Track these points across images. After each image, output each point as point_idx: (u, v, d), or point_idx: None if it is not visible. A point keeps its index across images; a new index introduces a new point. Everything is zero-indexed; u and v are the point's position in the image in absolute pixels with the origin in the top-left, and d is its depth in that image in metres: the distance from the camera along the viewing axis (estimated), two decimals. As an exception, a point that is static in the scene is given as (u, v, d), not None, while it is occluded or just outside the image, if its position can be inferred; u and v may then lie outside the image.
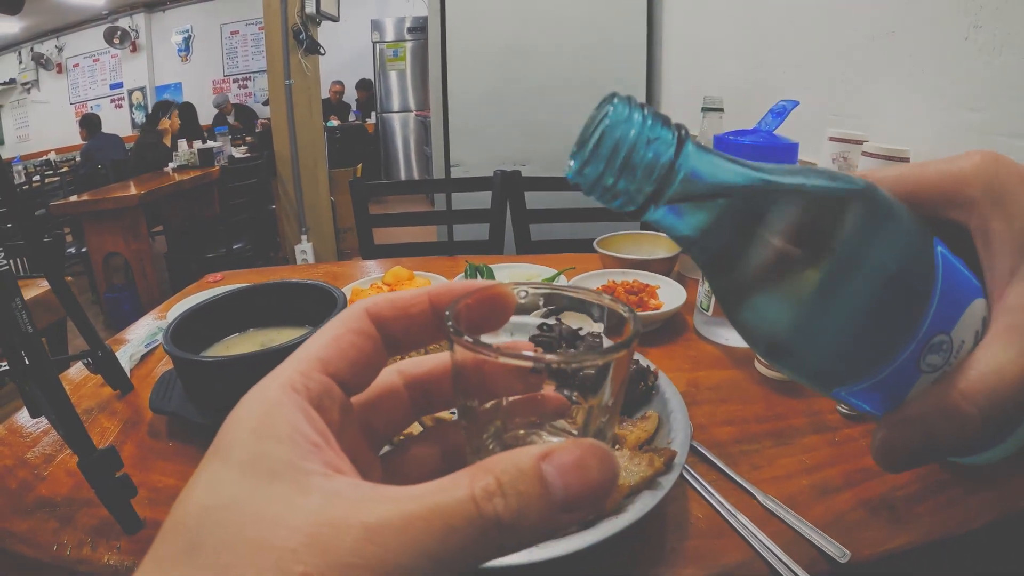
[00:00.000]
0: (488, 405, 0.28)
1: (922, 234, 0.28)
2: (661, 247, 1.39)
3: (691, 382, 0.93)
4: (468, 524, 0.21)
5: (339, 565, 0.20)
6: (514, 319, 0.32)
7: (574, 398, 0.28)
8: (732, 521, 0.65)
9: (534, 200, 1.97)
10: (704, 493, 0.69)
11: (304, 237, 4.52)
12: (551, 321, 0.33)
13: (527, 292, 0.32)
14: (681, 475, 0.71)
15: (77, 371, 1.05)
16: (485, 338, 0.30)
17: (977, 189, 0.30)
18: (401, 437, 0.43)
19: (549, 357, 0.26)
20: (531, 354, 0.25)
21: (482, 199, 1.98)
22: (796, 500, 0.68)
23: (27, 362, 0.67)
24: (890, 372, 0.28)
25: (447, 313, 0.28)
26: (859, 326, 0.27)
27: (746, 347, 1.00)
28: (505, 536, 0.22)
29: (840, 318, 0.27)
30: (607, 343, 0.31)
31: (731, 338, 1.04)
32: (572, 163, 0.27)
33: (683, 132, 0.27)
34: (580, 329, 0.33)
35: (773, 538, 0.62)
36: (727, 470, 0.73)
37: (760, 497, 0.68)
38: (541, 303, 0.33)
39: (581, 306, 0.32)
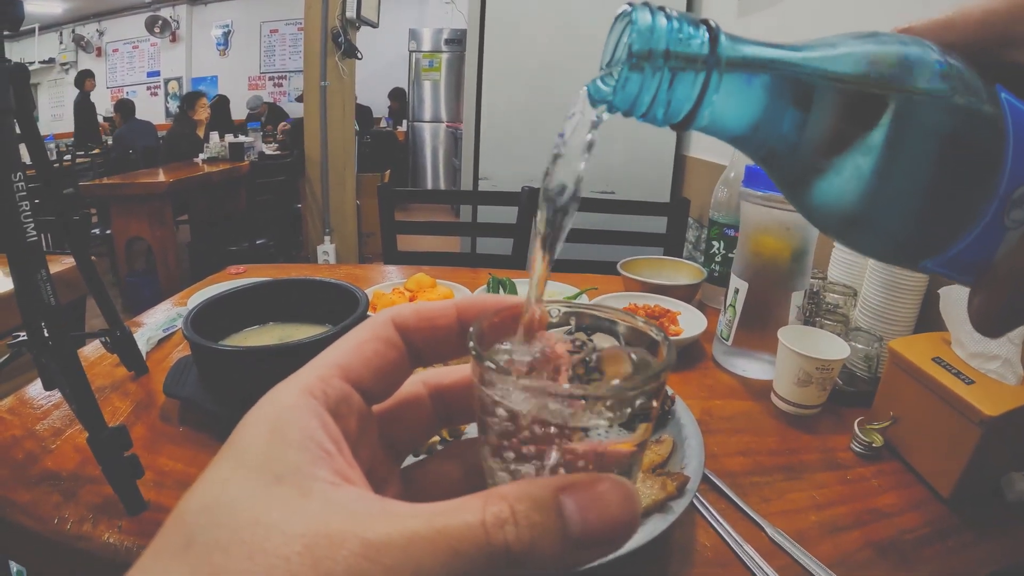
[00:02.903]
0: (508, 426, 0.26)
1: (983, 86, 0.27)
2: (683, 274, 1.38)
3: (706, 410, 0.92)
4: (475, 551, 0.20)
5: None
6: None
7: (601, 424, 0.26)
8: (739, 552, 0.64)
9: (559, 218, 1.96)
10: (712, 522, 0.68)
11: (327, 238, 4.53)
12: (584, 338, 0.31)
13: (559, 311, 0.31)
14: (691, 502, 0.70)
15: (93, 349, 1.06)
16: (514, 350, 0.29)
17: None
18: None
19: (570, 391, 0.24)
20: (553, 386, 0.24)
21: (508, 214, 1.99)
22: (804, 535, 0.67)
23: (47, 335, 0.68)
24: (975, 236, 0.27)
25: (471, 331, 0.27)
26: (936, 193, 0.26)
27: (763, 379, 1.00)
28: (513, 568, 0.21)
29: (915, 187, 0.26)
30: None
31: (749, 369, 1.03)
32: (603, 86, 0.27)
33: (713, 25, 0.26)
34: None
35: (779, 572, 0.61)
36: (737, 500, 0.72)
37: (768, 530, 0.67)
38: (572, 322, 0.31)
39: (612, 328, 0.31)
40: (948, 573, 0.64)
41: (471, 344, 0.26)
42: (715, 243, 1.32)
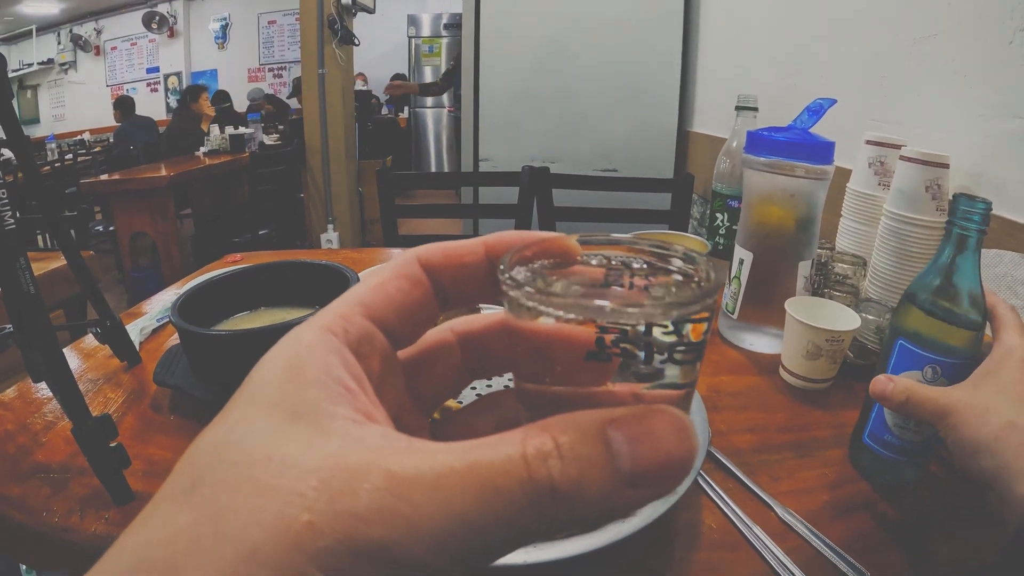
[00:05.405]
0: (546, 364, 0.24)
1: None
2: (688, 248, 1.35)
3: (712, 387, 0.90)
4: (516, 487, 0.18)
5: (351, 517, 0.17)
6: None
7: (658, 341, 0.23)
8: (747, 534, 0.61)
9: (561, 197, 1.95)
10: (719, 502, 0.66)
11: (331, 226, 4.52)
12: (623, 263, 0.28)
13: (594, 245, 0.29)
14: (696, 482, 0.68)
15: (92, 341, 1.04)
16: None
17: None
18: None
19: (614, 311, 0.22)
20: (598, 304, 0.22)
21: (509, 194, 1.96)
22: (816, 516, 0.64)
23: (26, 323, 0.66)
24: None
25: (501, 266, 0.25)
26: None
27: (771, 353, 0.97)
28: (558, 507, 0.18)
29: None
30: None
31: (756, 343, 1.00)
32: None
33: None
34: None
35: (790, 554, 0.58)
36: (745, 479, 0.69)
37: (778, 510, 0.64)
38: (608, 252, 0.29)
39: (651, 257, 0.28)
40: (967, 553, 0.61)
41: (504, 276, 0.24)
42: (718, 215, 1.29)
